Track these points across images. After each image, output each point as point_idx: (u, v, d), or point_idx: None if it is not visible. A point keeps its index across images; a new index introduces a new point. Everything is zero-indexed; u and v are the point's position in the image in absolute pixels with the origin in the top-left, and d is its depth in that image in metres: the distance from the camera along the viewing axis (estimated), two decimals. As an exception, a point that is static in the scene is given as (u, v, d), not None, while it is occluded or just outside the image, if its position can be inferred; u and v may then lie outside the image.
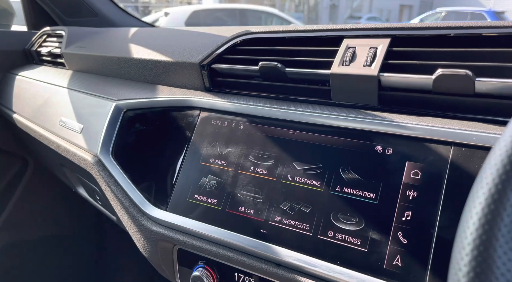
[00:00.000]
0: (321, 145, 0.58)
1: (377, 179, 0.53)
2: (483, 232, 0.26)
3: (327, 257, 0.52)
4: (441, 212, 0.48)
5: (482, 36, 0.53)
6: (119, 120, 0.76)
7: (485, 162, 0.28)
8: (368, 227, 0.52)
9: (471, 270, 0.25)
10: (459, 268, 0.26)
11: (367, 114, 0.57)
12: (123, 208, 0.70)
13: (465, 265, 0.26)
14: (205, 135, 0.68)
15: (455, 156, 0.49)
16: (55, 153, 0.90)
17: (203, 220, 0.62)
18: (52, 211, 1.45)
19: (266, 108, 0.65)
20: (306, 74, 0.63)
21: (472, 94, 0.52)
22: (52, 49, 1.10)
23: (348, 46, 0.61)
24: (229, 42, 0.70)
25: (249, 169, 0.62)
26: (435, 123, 0.52)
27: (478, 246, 0.26)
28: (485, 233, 0.26)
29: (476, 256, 0.25)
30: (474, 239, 0.26)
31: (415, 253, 0.48)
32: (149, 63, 0.82)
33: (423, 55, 0.56)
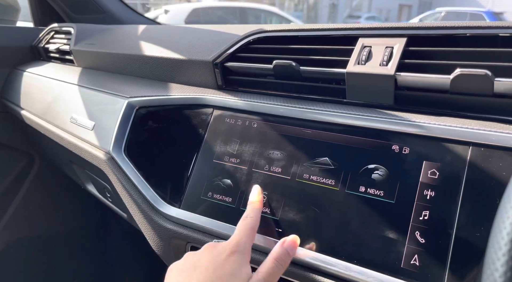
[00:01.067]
0: (337, 144, 0.59)
1: (394, 178, 0.53)
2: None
3: (344, 256, 0.53)
4: (460, 212, 0.48)
5: (499, 36, 0.53)
6: (132, 117, 0.76)
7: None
8: (385, 226, 0.52)
9: (509, 269, 0.25)
10: (496, 268, 0.26)
11: (383, 113, 0.58)
12: (136, 205, 0.70)
13: (502, 265, 0.26)
14: (218, 133, 0.68)
15: (474, 156, 0.50)
16: (65, 150, 0.90)
17: (216, 218, 0.62)
18: (57, 208, 1.45)
19: (280, 106, 0.65)
20: (321, 72, 0.63)
21: (490, 94, 0.52)
22: (61, 46, 1.09)
23: (364, 45, 0.61)
24: (243, 40, 0.70)
25: (263, 167, 0.62)
26: (453, 123, 0.52)
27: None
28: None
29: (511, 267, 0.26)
30: (509, 250, 0.26)
31: (433, 252, 0.48)
32: (161, 61, 0.82)
33: (440, 55, 0.56)
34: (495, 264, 0.26)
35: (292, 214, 0.57)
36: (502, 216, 0.27)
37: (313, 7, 21.44)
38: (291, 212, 0.57)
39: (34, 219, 1.40)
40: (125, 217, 0.88)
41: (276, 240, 0.57)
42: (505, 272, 0.25)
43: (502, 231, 0.27)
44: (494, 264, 0.26)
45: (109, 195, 0.90)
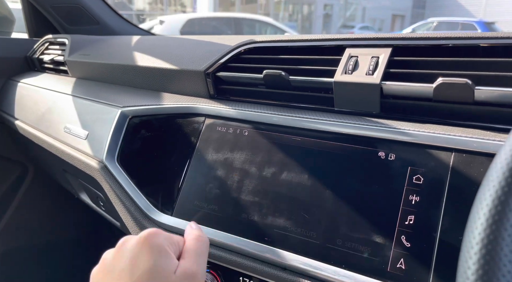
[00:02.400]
0: (325, 151, 0.60)
1: (380, 184, 0.55)
2: (491, 232, 0.27)
3: (332, 260, 0.54)
4: (443, 216, 0.49)
5: (480, 46, 0.55)
6: (125, 126, 0.77)
7: (491, 165, 0.30)
8: (372, 231, 0.53)
9: (480, 268, 0.27)
10: (468, 266, 0.28)
11: (370, 121, 0.59)
12: (128, 213, 0.71)
13: (474, 263, 0.27)
14: (210, 142, 0.69)
15: (456, 162, 0.51)
16: (59, 159, 0.91)
17: (208, 225, 0.63)
18: (51, 218, 1.45)
19: (270, 115, 0.66)
20: (310, 82, 0.65)
21: (471, 102, 0.53)
22: (55, 57, 1.11)
23: (351, 55, 0.62)
24: (234, 51, 0.72)
25: (254, 174, 0.63)
26: (436, 130, 0.54)
27: (486, 245, 0.27)
28: (493, 233, 0.27)
29: (484, 255, 0.27)
30: (482, 239, 0.27)
31: (418, 256, 0.49)
32: (154, 71, 0.83)
33: (424, 64, 0.58)
34: (468, 262, 0.28)
35: (282, 220, 0.58)
36: (473, 217, 0.29)
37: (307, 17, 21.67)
38: (281, 218, 0.59)
39: (28, 229, 1.40)
40: (118, 226, 0.89)
41: (264, 245, 0.58)
42: (477, 270, 0.27)
43: (473, 231, 0.28)
44: (467, 262, 0.28)
45: (102, 204, 0.90)
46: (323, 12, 21.11)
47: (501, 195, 0.27)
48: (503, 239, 0.27)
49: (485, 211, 0.28)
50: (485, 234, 0.27)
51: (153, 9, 23.51)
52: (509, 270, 0.26)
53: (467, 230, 0.29)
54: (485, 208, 0.28)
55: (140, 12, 20.54)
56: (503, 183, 0.28)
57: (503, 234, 0.27)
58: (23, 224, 1.38)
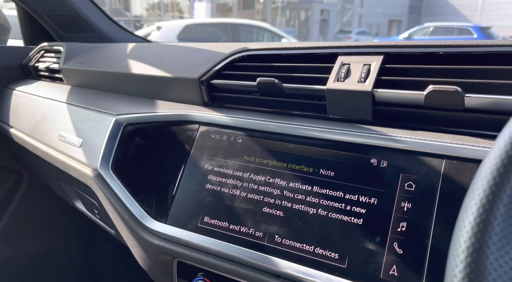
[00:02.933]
0: (319, 158, 0.60)
1: (373, 191, 0.55)
2: (476, 240, 0.27)
3: (326, 267, 0.54)
4: (435, 223, 0.50)
5: (470, 54, 0.56)
6: (119, 134, 0.77)
7: (476, 174, 0.30)
8: (365, 238, 0.53)
9: (466, 276, 0.27)
10: (454, 275, 0.28)
11: (362, 128, 0.60)
12: (122, 221, 0.71)
13: (460, 271, 0.28)
14: (204, 149, 0.69)
15: (447, 169, 0.52)
16: (53, 167, 0.91)
17: (202, 233, 0.63)
18: (46, 226, 1.45)
19: (264, 122, 0.66)
20: (303, 89, 0.65)
21: (462, 109, 0.54)
22: (50, 65, 1.11)
23: (343, 62, 0.63)
24: (228, 59, 0.73)
25: (247, 181, 0.64)
26: (428, 137, 0.54)
27: (471, 254, 0.27)
28: (478, 241, 0.27)
29: (470, 263, 0.27)
30: (467, 247, 0.28)
31: (410, 262, 0.50)
32: (148, 79, 0.84)
33: (415, 71, 0.58)
34: (454, 271, 0.28)
35: (275, 228, 0.59)
36: (459, 225, 0.29)
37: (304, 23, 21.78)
38: (275, 225, 0.59)
39: (22, 237, 1.39)
40: (113, 234, 0.89)
41: (258, 253, 0.58)
42: (463, 278, 0.27)
43: (459, 239, 0.28)
44: (453, 271, 0.28)
45: (97, 212, 0.90)
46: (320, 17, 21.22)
47: (486, 203, 0.28)
48: (488, 247, 0.27)
49: (471, 219, 0.28)
50: (471, 242, 0.28)
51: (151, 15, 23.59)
52: (495, 278, 0.26)
53: (453, 238, 0.30)
54: (471, 216, 0.28)
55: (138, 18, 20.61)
56: (487, 191, 0.28)
57: (488, 242, 0.27)
58: (18, 232, 1.38)
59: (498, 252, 0.26)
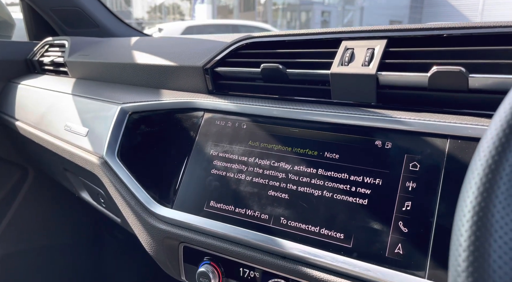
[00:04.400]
0: (323, 142, 0.61)
1: (378, 172, 0.56)
2: (482, 200, 0.28)
3: (331, 248, 0.54)
4: (440, 201, 0.50)
5: (473, 35, 0.56)
6: (124, 122, 0.78)
7: (481, 138, 0.31)
8: (370, 218, 0.54)
9: (472, 234, 0.27)
10: (461, 234, 0.28)
11: (366, 111, 0.60)
12: (129, 207, 0.72)
13: (466, 230, 0.28)
14: (209, 135, 0.70)
15: (452, 148, 0.52)
16: (59, 158, 0.92)
17: (208, 217, 0.64)
18: (51, 221, 1.45)
19: (269, 107, 0.67)
20: (307, 74, 0.66)
21: (466, 90, 0.54)
22: (55, 58, 1.12)
23: (347, 47, 0.63)
24: (232, 46, 0.73)
25: (253, 166, 0.64)
26: (432, 118, 0.55)
27: (477, 212, 0.28)
28: (484, 200, 0.28)
29: (476, 221, 0.28)
30: (473, 207, 0.28)
31: (415, 240, 0.50)
32: (153, 68, 0.84)
33: (419, 54, 0.59)
34: (460, 230, 0.28)
35: (280, 210, 0.59)
36: (465, 187, 0.29)
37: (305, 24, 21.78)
38: (280, 208, 0.59)
39: (27, 232, 1.40)
40: (119, 222, 0.89)
41: (264, 235, 0.58)
42: (469, 236, 0.27)
43: (465, 200, 0.29)
44: (459, 230, 0.28)
45: (103, 201, 0.91)
46: (321, 19, 21.24)
47: (492, 163, 0.28)
48: (494, 206, 0.27)
49: (477, 180, 0.29)
50: (476, 202, 0.28)
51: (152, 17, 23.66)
52: (501, 235, 0.27)
53: (459, 201, 0.30)
54: (477, 177, 0.29)
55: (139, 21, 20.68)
56: (493, 152, 0.28)
57: (494, 201, 0.27)
58: (23, 227, 1.38)
59: (504, 211, 0.27)
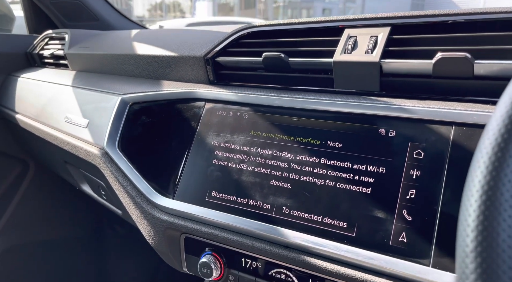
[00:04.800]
0: (326, 131, 0.60)
1: (381, 160, 0.55)
2: (491, 178, 0.27)
3: (334, 236, 0.54)
4: (444, 189, 0.49)
5: (478, 21, 0.55)
6: (125, 113, 0.77)
7: (491, 117, 0.30)
8: (373, 207, 0.53)
9: (481, 213, 0.27)
10: (469, 214, 0.28)
11: (370, 100, 0.59)
12: (130, 198, 0.71)
13: (475, 210, 0.27)
14: (210, 125, 0.69)
15: (456, 135, 0.51)
16: (60, 150, 0.91)
17: (210, 207, 0.63)
18: (52, 215, 1.45)
19: (270, 97, 0.66)
20: (309, 63, 0.65)
21: (471, 76, 0.54)
22: (55, 51, 1.11)
23: (350, 35, 0.63)
24: (233, 35, 0.72)
25: (254, 155, 0.63)
26: (436, 105, 0.54)
27: (486, 191, 0.27)
28: (493, 179, 0.27)
29: (485, 201, 0.27)
30: (482, 186, 0.27)
31: (419, 229, 0.49)
32: (154, 59, 0.83)
33: (423, 41, 0.58)
34: (468, 210, 0.28)
35: (283, 199, 0.58)
36: (474, 166, 0.29)
37: (306, 21, 21.67)
38: (282, 197, 0.59)
39: (28, 226, 1.40)
40: (120, 214, 0.89)
41: (266, 224, 0.58)
42: (478, 216, 0.27)
43: (474, 180, 0.28)
44: (467, 210, 0.28)
45: (104, 193, 0.90)
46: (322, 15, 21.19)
47: (501, 142, 0.27)
48: (503, 184, 0.27)
49: (485, 159, 0.28)
50: (485, 181, 0.27)
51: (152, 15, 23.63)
52: (510, 214, 0.26)
53: (467, 180, 0.29)
54: (485, 156, 0.28)
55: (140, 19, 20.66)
56: (502, 130, 0.28)
57: (503, 179, 0.27)
58: (24, 221, 1.38)
59: None
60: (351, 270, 0.52)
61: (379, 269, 0.50)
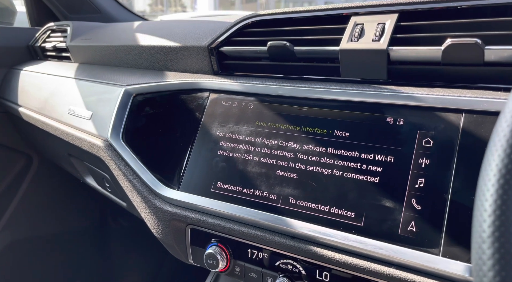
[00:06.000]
0: (332, 120, 0.59)
1: (389, 149, 0.54)
2: (509, 162, 0.26)
3: (342, 226, 0.53)
4: (454, 177, 0.49)
5: (488, 6, 0.54)
6: (129, 104, 0.77)
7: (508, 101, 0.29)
8: (382, 196, 0.52)
9: (498, 198, 0.26)
10: (486, 199, 0.27)
11: (377, 88, 0.58)
12: (134, 190, 0.71)
13: (492, 194, 0.26)
14: (215, 116, 0.68)
15: (467, 123, 0.50)
16: (64, 143, 0.90)
17: (215, 197, 0.63)
18: (56, 209, 1.45)
19: (275, 86, 0.65)
20: (315, 52, 0.64)
21: (481, 63, 0.52)
22: (57, 44, 1.10)
23: (356, 23, 0.62)
24: (238, 25, 0.71)
25: (260, 146, 0.63)
26: (445, 93, 0.53)
27: (504, 175, 0.26)
28: (511, 162, 0.26)
29: (503, 184, 0.26)
30: (498, 180, 0.26)
31: (429, 218, 0.49)
32: (157, 50, 0.83)
33: (431, 28, 0.57)
34: (484, 205, 0.27)
35: (289, 190, 0.58)
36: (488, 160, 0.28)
37: (307, 15, 21.59)
38: (289, 187, 0.58)
39: (32, 220, 1.40)
40: (125, 206, 0.88)
41: (272, 215, 0.57)
42: (494, 211, 0.26)
43: (489, 173, 0.27)
44: (482, 206, 0.27)
45: (108, 185, 0.90)
46: (323, 9, 21.06)
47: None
48: None
49: (500, 152, 0.27)
50: (503, 164, 0.27)
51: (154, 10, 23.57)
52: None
53: (483, 165, 0.28)
54: (500, 149, 0.27)
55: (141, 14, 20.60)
56: None
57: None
58: (28, 215, 1.38)
59: None
60: (359, 260, 0.51)
61: (388, 259, 0.49)
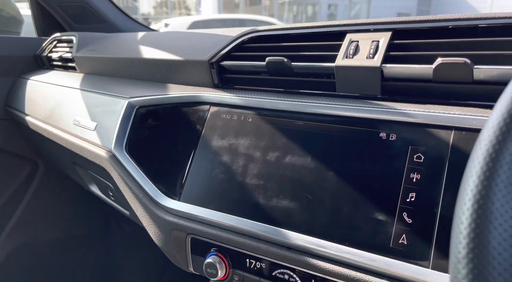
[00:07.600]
0: (328, 134, 0.61)
1: (382, 164, 0.56)
2: (483, 188, 0.28)
3: (336, 238, 0.55)
4: (444, 192, 0.50)
5: (478, 27, 0.56)
6: (132, 116, 0.79)
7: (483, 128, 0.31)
8: (374, 209, 0.54)
9: (472, 221, 0.28)
10: (461, 222, 0.29)
11: (371, 104, 0.60)
12: (137, 200, 0.73)
13: (467, 218, 0.29)
14: (215, 129, 0.70)
15: (456, 140, 0.52)
16: (69, 152, 0.93)
17: (215, 208, 0.65)
18: (61, 214, 1.48)
19: (274, 100, 0.68)
20: (312, 67, 0.66)
21: (470, 81, 0.54)
22: (63, 54, 1.13)
23: (351, 40, 0.64)
24: (237, 40, 0.74)
25: (258, 159, 0.65)
26: (436, 110, 0.55)
27: (478, 200, 0.28)
28: (484, 188, 0.28)
29: (476, 209, 0.28)
30: (474, 195, 0.29)
31: (419, 231, 0.51)
32: (160, 63, 0.85)
33: (423, 46, 0.59)
34: (461, 218, 0.29)
35: (286, 202, 0.60)
36: (466, 176, 0.30)
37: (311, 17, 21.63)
38: (285, 199, 0.60)
39: (38, 225, 1.42)
40: (128, 215, 0.91)
41: (271, 227, 0.59)
42: (470, 224, 0.28)
43: (466, 189, 0.29)
44: (460, 218, 0.29)
45: (112, 194, 0.92)
46: (327, 12, 21.08)
47: (492, 152, 0.29)
48: (494, 194, 0.28)
49: (477, 168, 0.29)
50: (477, 190, 0.28)
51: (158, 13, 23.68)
52: (500, 223, 0.27)
53: (460, 189, 0.31)
54: (477, 165, 0.29)
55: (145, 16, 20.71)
56: (494, 142, 0.29)
57: (494, 189, 0.28)
58: (34, 220, 1.41)
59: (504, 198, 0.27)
60: (352, 271, 0.53)
61: (380, 271, 0.51)
